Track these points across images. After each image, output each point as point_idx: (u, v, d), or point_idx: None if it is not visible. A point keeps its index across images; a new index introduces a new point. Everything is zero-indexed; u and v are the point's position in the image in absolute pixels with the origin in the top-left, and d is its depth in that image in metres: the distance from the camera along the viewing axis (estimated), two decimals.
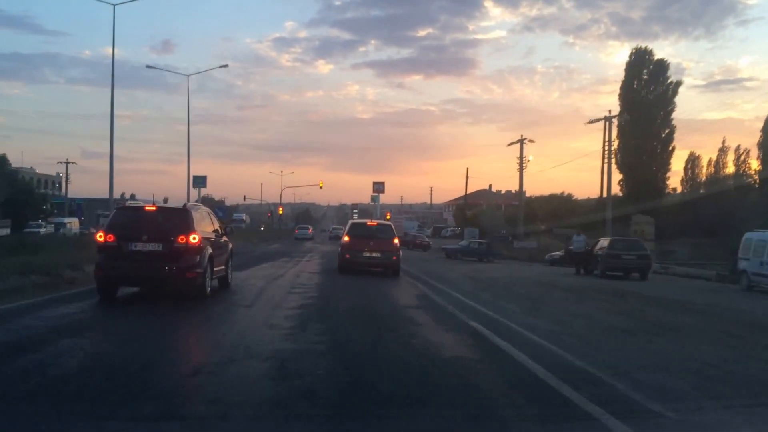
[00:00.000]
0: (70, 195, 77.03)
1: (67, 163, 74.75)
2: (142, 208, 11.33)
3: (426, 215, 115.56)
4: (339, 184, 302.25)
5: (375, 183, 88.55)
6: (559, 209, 57.32)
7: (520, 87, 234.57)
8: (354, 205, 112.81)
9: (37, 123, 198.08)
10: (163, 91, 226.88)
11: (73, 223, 54.21)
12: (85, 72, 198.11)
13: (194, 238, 10.84)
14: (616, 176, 49.33)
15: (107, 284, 10.87)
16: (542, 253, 39.44)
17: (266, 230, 78.18)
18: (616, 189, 48.80)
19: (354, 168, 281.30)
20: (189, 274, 10.74)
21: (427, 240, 54.70)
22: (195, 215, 11.33)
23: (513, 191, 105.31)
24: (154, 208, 11.21)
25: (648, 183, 50.21)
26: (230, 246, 13.83)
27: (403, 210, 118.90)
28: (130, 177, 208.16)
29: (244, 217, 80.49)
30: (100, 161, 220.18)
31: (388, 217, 67.73)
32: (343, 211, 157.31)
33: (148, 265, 10.59)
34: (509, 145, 51.22)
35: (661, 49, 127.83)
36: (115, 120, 28.88)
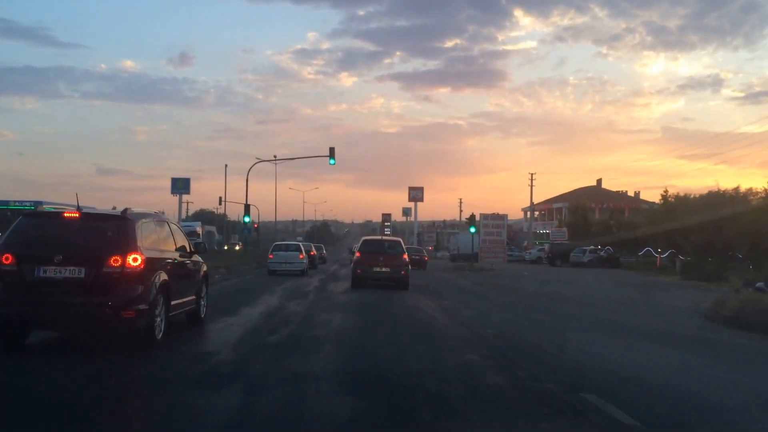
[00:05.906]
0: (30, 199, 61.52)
1: None
2: (59, 215, 7.77)
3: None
4: (364, 200, 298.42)
5: (411, 189, 74.58)
6: None
7: (551, 99, 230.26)
8: (385, 216, 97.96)
9: (50, 139, 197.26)
10: (180, 105, 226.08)
11: None
12: (100, 86, 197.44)
13: (135, 260, 7.31)
14: None
15: (3, 328, 7.36)
16: None
17: (242, 250, 50.18)
18: None
19: (379, 184, 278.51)
20: (125, 313, 7.21)
21: (425, 255, 40.38)
22: (140, 226, 7.78)
23: (623, 191, 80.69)
24: (76, 215, 7.62)
25: None
26: (204, 269, 10.25)
27: (446, 225, 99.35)
28: (147, 194, 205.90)
29: (197, 229, 53.58)
30: (114, 178, 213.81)
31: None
32: (369, 228, 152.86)
33: (64, 300, 7.10)
34: None
35: (698, 60, 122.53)
36: (132, 136, 24.03)
